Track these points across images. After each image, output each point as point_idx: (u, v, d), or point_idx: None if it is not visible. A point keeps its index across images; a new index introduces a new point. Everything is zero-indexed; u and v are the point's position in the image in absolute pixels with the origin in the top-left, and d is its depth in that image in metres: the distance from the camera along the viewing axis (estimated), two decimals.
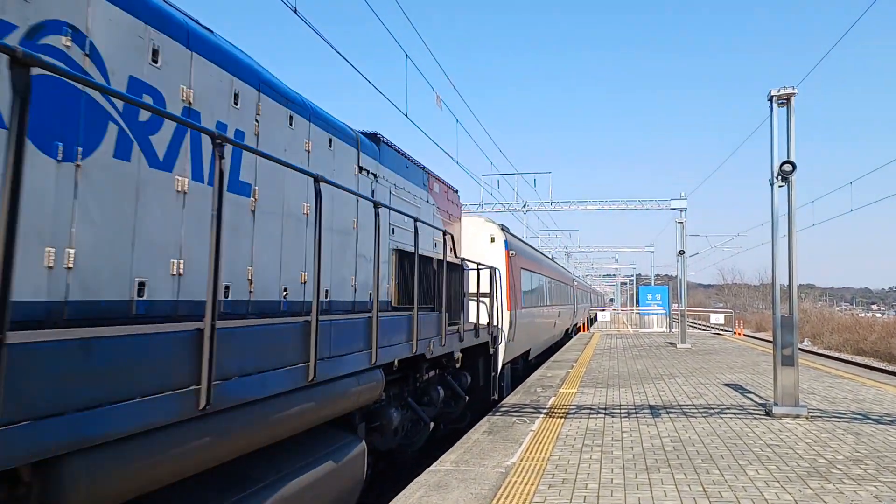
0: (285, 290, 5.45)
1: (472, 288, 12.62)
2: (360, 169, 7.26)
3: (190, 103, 4.34)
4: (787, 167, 10.44)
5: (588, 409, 11.15)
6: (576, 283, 42.54)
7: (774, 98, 10.73)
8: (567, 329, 34.28)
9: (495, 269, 13.23)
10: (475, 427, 9.67)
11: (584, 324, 42.81)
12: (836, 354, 35.23)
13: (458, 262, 10.86)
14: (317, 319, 4.86)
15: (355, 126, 7.49)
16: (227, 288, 4.65)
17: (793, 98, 10.63)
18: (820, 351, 37.29)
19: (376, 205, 6.40)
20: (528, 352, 19.63)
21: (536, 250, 26.36)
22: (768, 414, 10.42)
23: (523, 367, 18.88)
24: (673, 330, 37.94)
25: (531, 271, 20.33)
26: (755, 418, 10.18)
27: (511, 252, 16.61)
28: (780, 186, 10.75)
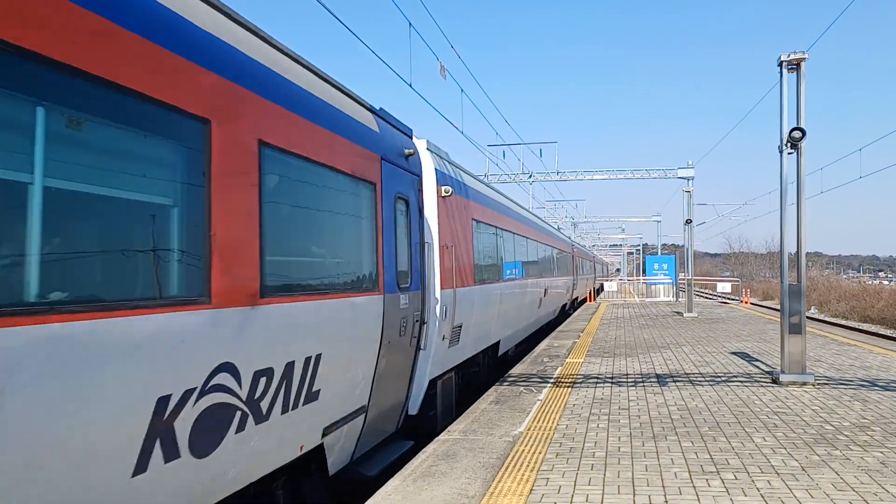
0: None
1: None
2: None
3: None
4: (797, 134, 10.31)
5: (595, 378, 11.20)
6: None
7: (784, 63, 10.56)
8: None
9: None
10: (483, 397, 9.73)
11: (590, 294, 42.79)
12: (843, 322, 35.20)
13: None
14: None
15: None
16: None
17: (803, 63, 10.46)
18: (827, 319, 37.26)
19: None
20: None
21: None
22: (775, 382, 10.44)
23: None
24: (680, 299, 37.97)
25: None
26: (762, 386, 10.21)
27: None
28: (788, 153, 10.63)
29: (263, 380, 4.68)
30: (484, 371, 13.20)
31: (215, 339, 4.17)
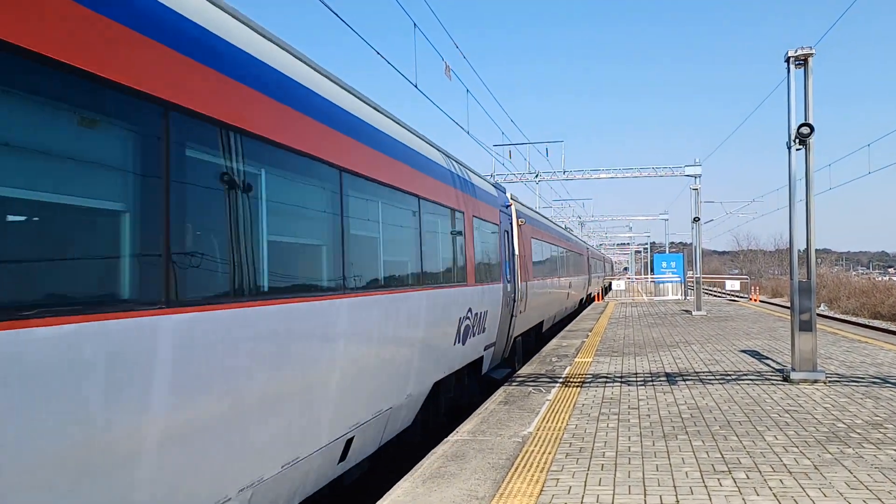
0: None
1: None
2: None
3: None
4: (805, 130, 10.24)
5: (604, 377, 11.15)
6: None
7: (791, 59, 10.49)
8: None
9: None
10: (491, 397, 9.71)
11: (598, 293, 42.69)
12: (854, 319, 34.98)
13: None
14: None
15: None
16: None
17: (810, 59, 10.39)
18: (837, 315, 37.05)
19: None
20: None
21: None
22: (786, 379, 10.37)
23: None
24: (688, 297, 37.81)
25: None
26: (773, 384, 10.14)
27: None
28: (797, 150, 10.56)
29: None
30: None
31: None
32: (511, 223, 15.21)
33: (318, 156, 5.65)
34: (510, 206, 15.49)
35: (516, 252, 15.21)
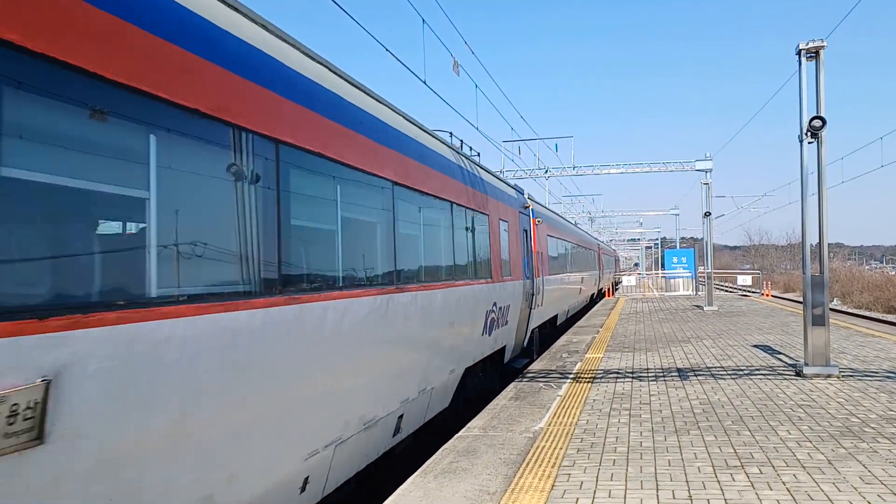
0: None
1: None
2: None
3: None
4: (817, 123, 10.16)
5: (615, 373, 11.12)
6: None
7: (803, 52, 10.41)
8: None
9: None
10: (502, 393, 9.71)
11: (608, 289, 42.57)
12: (867, 313, 34.69)
13: None
14: None
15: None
16: None
17: (822, 51, 10.30)
18: (850, 310, 36.75)
19: None
20: None
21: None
22: (799, 374, 10.31)
23: None
24: (699, 293, 37.64)
25: None
26: (785, 379, 10.08)
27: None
28: (809, 143, 10.49)
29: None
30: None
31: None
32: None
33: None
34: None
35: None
